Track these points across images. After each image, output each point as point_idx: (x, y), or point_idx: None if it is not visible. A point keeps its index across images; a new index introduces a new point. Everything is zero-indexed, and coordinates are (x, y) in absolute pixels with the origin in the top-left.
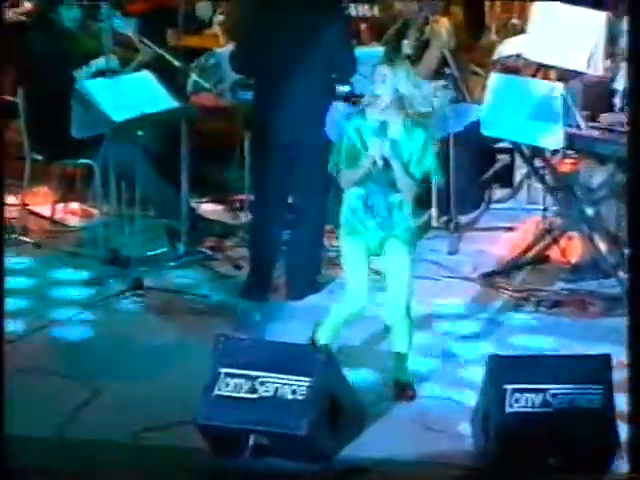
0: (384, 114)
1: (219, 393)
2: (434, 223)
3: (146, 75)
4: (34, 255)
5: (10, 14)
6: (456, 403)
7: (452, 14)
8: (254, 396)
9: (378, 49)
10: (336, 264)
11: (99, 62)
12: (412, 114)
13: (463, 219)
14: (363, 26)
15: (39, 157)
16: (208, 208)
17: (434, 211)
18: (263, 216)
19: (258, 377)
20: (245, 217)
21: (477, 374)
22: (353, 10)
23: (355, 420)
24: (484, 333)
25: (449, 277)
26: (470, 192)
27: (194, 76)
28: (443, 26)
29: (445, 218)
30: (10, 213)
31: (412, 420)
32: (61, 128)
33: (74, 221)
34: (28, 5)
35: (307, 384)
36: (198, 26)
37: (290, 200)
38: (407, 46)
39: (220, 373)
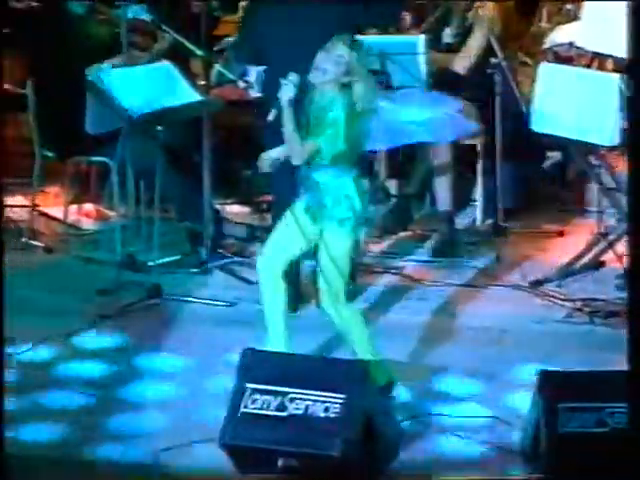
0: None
1: (245, 410)
2: (479, 226)
3: (166, 66)
4: (45, 260)
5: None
6: (503, 422)
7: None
8: (283, 414)
9: (417, 37)
10: (374, 271)
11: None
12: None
13: (511, 222)
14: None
15: (50, 154)
16: (233, 209)
17: (479, 213)
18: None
19: (288, 393)
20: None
21: (526, 390)
22: None
23: (392, 439)
24: (534, 346)
25: (495, 285)
26: (519, 192)
27: (218, 66)
28: (487, 11)
29: (491, 221)
30: (19, 215)
31: (455, 440)
32: (74, 123)
33: (88, 224)
34: None
35: (340, 401)
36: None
37: None
38: (449, 35)
39: (246, 389)
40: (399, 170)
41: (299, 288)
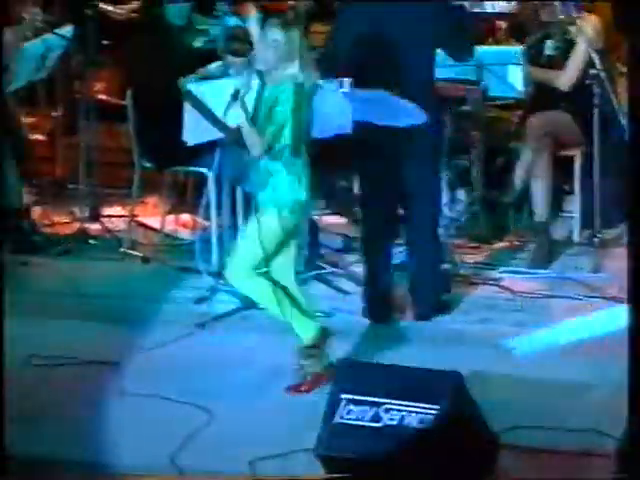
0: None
1: (341, 421)
2: (576, 238)
3: None
4: (143, 270)
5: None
6: (600, 434)
7: (599, 9)
8: (378, 425)
9: (515, 48)
10: (471, 282)
11: (212, 70)
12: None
13: (609, 234)
14: (500, 23)
15: (149, 164)
16: (330, 220)
17: (576, 225)
18: (372, 229)
19: (383, 404)
20: None
21: (621, 405)
22: (489, 7)
23: (487, 450)
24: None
25: (593, 297)
26: (617, 204)
27: None
28: (590, 25)
29: (589, 232)
30: (118, 225)
31: (550, 450)
32: (172, 133)
33: (185, 234)
34: (136, 2)
35: (436, 412)
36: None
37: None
38: (550, 47)
39: (341, 399)
40: (496, 180)
41: (391, 299)
